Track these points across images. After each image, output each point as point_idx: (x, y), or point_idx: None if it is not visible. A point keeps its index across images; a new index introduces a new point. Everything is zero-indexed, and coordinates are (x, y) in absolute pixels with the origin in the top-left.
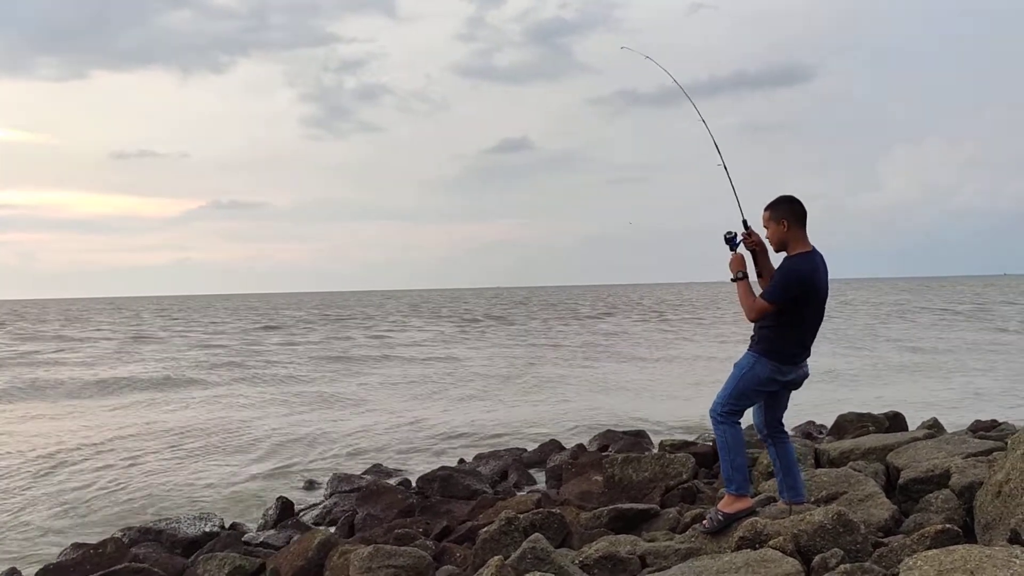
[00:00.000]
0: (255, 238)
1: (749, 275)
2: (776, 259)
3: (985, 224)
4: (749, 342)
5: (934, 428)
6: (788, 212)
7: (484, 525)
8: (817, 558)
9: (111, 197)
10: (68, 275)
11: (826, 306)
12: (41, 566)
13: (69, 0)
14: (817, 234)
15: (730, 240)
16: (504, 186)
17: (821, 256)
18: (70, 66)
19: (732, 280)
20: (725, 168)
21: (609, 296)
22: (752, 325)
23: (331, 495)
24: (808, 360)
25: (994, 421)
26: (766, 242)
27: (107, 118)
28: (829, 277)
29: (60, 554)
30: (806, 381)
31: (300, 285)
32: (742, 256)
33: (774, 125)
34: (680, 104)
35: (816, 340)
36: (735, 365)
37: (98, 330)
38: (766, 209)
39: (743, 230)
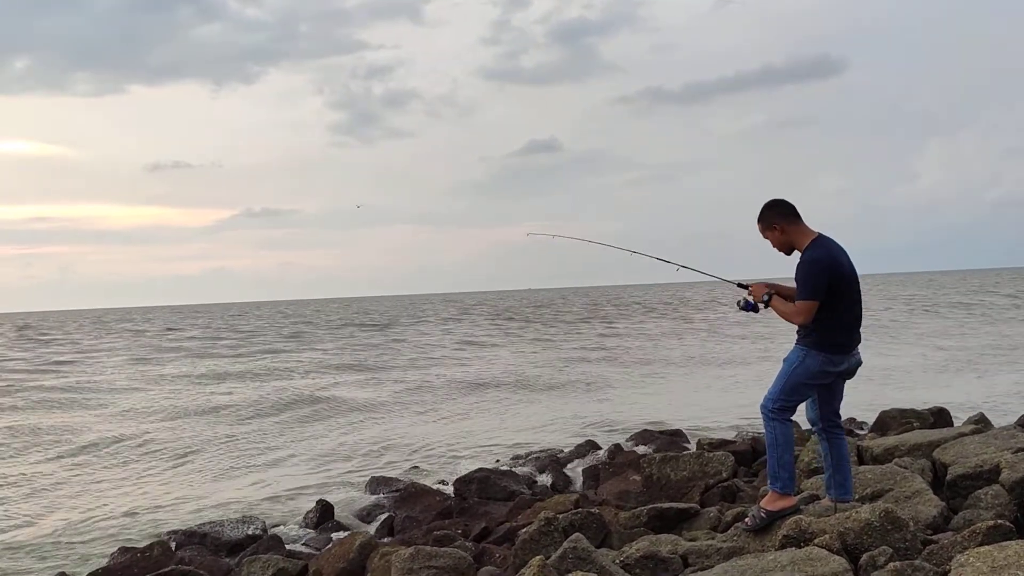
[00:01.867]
0: (287, 245)
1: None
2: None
3: (1021, 216)
4: (796, 336)
5: (981, 423)
6: (776, 216)
7: (523, 526)
8: (865, 556)
9: (146, 208)
10: (106, 286)
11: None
12: (90, 570)
13: (103, 17)
14: (848, 228)
15: (746, 306)
16: (532, 188)
17: (833, 240)
18: (105, 82)
19: (765, 306)
20: (688, 267)
21: (646, 296)
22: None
23: (371, 496)
24: (859, 348)
25: None
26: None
27: (142, 131)
28: (862, 271)
29: (108, 558)
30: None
31: (333, 291)
32: (759, 284)
33: (803, 120)
34: (706, 102)
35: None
36: (784, 360)
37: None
38: (757, 223)
39: (746, 291)
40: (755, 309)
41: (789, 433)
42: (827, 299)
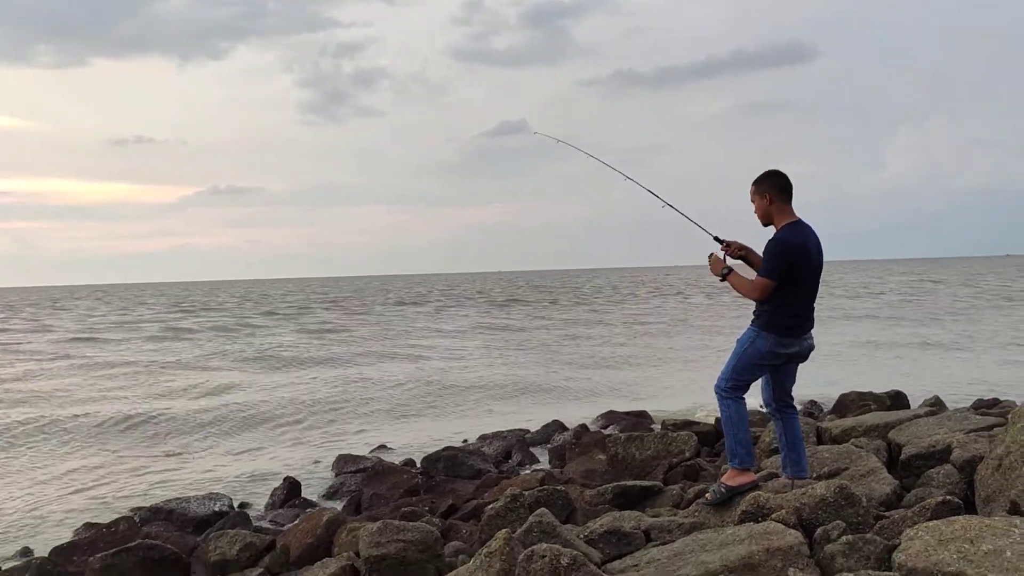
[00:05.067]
0: (253, 223)
1: (734, 267)
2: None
3: (989, 205)
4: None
5: (936, 406)
6: (771, 186)
7: (489, 503)
8: (819, 530)
9: (109, 184)
10: (68, 263)
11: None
12: (54, 546)
13: None
14: (817, 214)
15: (715, 272)
16: (502, 169)
17: (810, 228)
18: (68, 53)
19: (722, 280)
20: (672, 207)
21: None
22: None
23: (337, 475)
24: (812, 332)
25: (996, 400)
26: (748, 223)
27: (104, 105)
28: (828, 258)
29: (73, 534)
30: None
31: (300, 271)
32: (716, 257)
33: (773, 105)
34: (678, 86)
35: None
36: (737, 341)
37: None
38: (752, 184)
39: (720, 246)
40: (722, 278)
41: (743, 411)
42: (785, 282)
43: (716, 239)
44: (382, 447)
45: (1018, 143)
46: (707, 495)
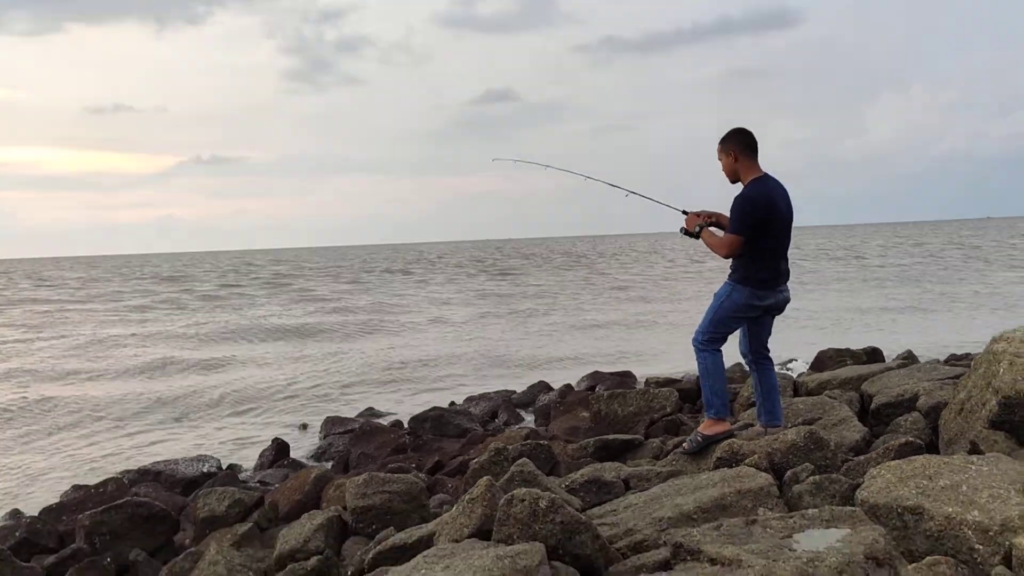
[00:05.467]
0: (237, 194)
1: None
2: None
3: (969, 169)
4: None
5: (908, 359)
6: (735, 143)
7: (475, 459)
8: (789, 472)
9: (88, 153)
10: (48, 235)
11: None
12: (43, 507)
13: None
14: (802, 179)
15: (687, 232)
16: (488, 137)
17: (776, 182)
18: (42, 20)
19: (696, 237)
20: (635, 193)
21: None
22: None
23: (325, 437)
24: (788, 284)
25: (968, 354)
26: (719, 186)
27: (82, 73)
28: (813, 223)
29: (61, 495)
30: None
31: (287, 241)
32: (692, 215)
33: (759, 71)
34: (665, 52)
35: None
36: (714, 295)
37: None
38: (718, 143)
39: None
40: (695, 235)
41: (719, 362)
42: (756, 236)
43: (684, 212)
44: (370, 410)
45: (998, 107)
46: (684, 444)
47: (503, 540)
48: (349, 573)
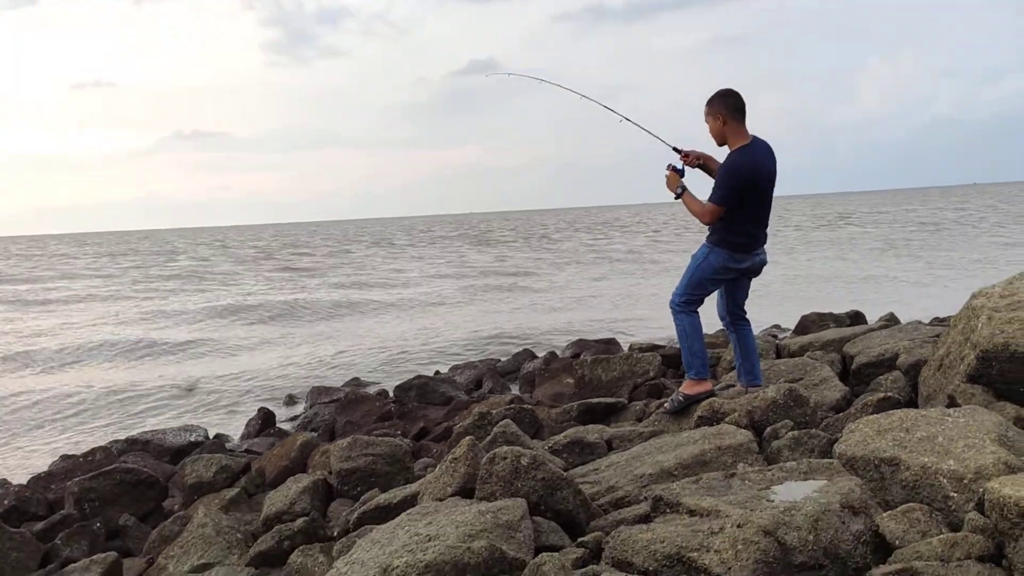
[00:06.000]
0: (220, 169)
1: (688, 187)
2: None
3: (956, 135)
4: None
5: (891, 321)
6: (723, 106)
7: (459, 424)
8: (768, 429)
9: (69, 130)
10: (32, 212)
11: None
12: (31, 476)
13: None
14: (790, 147)
15: (675, 170)
16: (472, 110)
17: (764, 145)
18: None
19: (676, 198)
20: (629, 120)
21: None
22: None
23: (311, 406)
24: (766, 247)
25: (951, 317)
26: (706, 144)
27: (61, 48)
28: (799, 191)
29: (50, 465)
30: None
31: (272, 217)
32: (674, 176)
33: (744, 38)
34: (649, 20)
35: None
36: (691, 257)
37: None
38: (705, 106)
39: (679, 156)
40: (681, 174)
41: (697, 324)
42: (738, 203)
43: (675, 149)
44: (355, 380)
45: (984, 73)
46: (665, 404)
47: (486, 498)
48: (335, 533)
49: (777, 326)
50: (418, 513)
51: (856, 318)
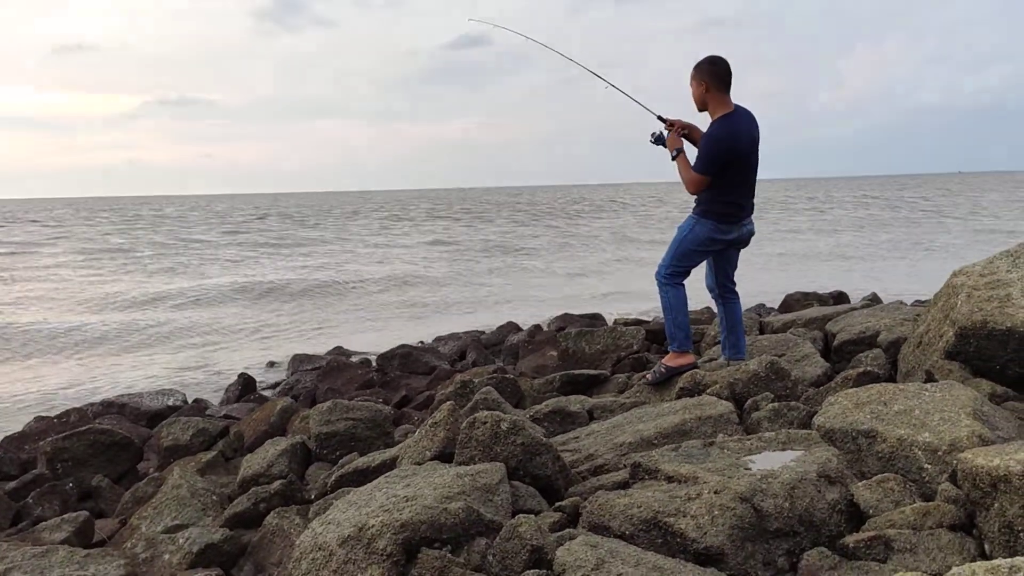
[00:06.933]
0: (205, 138)
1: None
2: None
3: (942, 123)
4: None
5: (873, 300)
6: (707, 73)
7: (441, 391)
8: (749, 401)
9: (50, 93)
10: (13, 176)
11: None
12: (4, 436)
13: None
14: (778, 132)
15: (657, 139)
16: (463, 84)
17: (746, 113)
18: None
19: (672, 159)
20: (615, 87)
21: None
22: None
23: (293, 373)
24: (752, 218)
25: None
26: (688, 115)
27: (42, 8)
28: (786, 175)
29: (24, 425)
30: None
31: (257, 186)
32: (674, 136)
33: (733, 20)
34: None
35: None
36: (677, 228)
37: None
38: (692, 70)
39: (663, 124)
40: (663, 144)
41: (682, 296)
42: (721, 174)
43: (660, 118)
44: (338, 349)
45: (971, 59)
46: (647, 375)
47: (465, 462)
48: (312, 496)
49: (762, 305)
50: (396, 476)
51: (839, 298)
